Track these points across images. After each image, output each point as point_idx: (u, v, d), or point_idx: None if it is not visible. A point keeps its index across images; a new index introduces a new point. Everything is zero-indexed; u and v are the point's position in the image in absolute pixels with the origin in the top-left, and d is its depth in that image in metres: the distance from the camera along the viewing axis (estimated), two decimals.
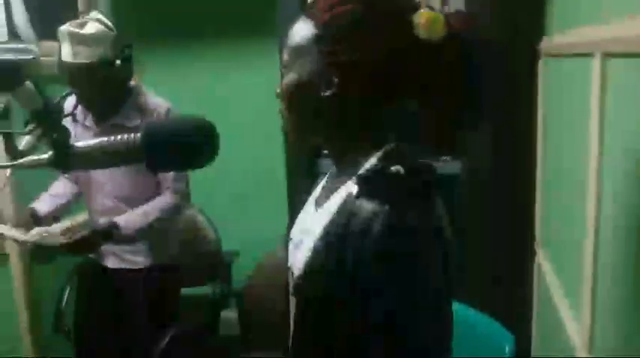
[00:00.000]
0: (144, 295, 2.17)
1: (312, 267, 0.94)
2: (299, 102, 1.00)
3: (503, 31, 2.17)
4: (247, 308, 2.31)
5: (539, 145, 2.26)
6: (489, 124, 2.17)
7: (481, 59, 0.92)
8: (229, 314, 2.72)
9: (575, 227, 1.52)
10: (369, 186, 0.91)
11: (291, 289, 1.05)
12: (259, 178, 3.23)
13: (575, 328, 1.48)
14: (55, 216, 2.11)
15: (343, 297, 0.89)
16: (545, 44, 2.13)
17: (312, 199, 1.09)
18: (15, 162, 0.96)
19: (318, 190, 1.09)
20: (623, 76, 1.17)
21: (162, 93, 2.20)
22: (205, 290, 2.88)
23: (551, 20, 2.11)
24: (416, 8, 0.90)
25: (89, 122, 2.06)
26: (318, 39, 0.94)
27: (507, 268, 2.46)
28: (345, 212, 0.91)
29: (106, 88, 1.97)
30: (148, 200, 2.10)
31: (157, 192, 2.14)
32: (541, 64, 2.21)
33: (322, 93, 0.95)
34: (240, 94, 3.21)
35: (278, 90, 1.03)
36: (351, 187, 0.93)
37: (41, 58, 2.08)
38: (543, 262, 2.07)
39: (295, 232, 1.08)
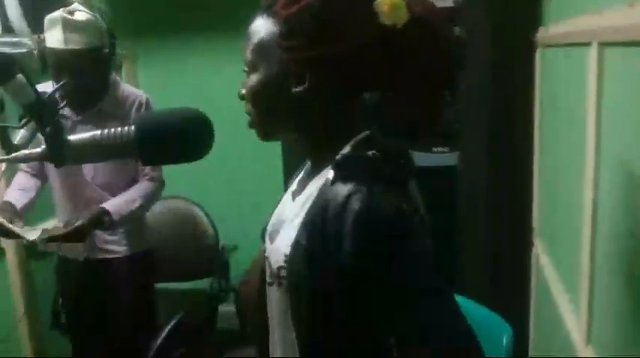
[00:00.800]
0: (124, 283, 2.20)
1: (295, 257, 0.93)
2: (269, 101, 0.99)
3: (499, 22, 2.17)
4: (241, 304, 2.31)
5: (536, 136, 2.26)
6: (486, 116, 2.17)
7: (451, 45, 0.91)
8: (227, 309, 2.71)
9: (572, 218, 1.52)
10: (343, 171, 0.91)
11: (268, 279, 1.03)
12: (257, 172, 3.23)
13: (573, 320, 1.48)
14: (26, 212, 2.10)
15: (328, 283, 0.88)
16: (542, 34, 2.12)
17: (288, 191, 1.09)
18: (10, 156, 0.95)
19: (294, 184, 1.08)
20: (621, 65, 1.16)
21: (157, 88, 2.19)
22: (204, 284, 2.88)
23: (548, 10, 2.10)
24: None
25: (67, 111, 2.05)
26: (282, 36, 0.93)
27: (505, 259, 2.46)
28: (323, 198, 0.91)
29: (92, 76, 1.99)
30: (127, 186, 2.13)
31: (133, 177, 2.17)
32: (538, 54, 2.20)
33: (293, 90, 0.94)
34: (237, 89, 3.19)
35: (243, 91, 1.02)
36: (327, 175, 0.93)
37: (34, 52, 2.08)
38: (541, 254, 2.06)
39: (272, 223, 1.08)
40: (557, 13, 1.91)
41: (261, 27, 0.96)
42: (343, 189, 0.87)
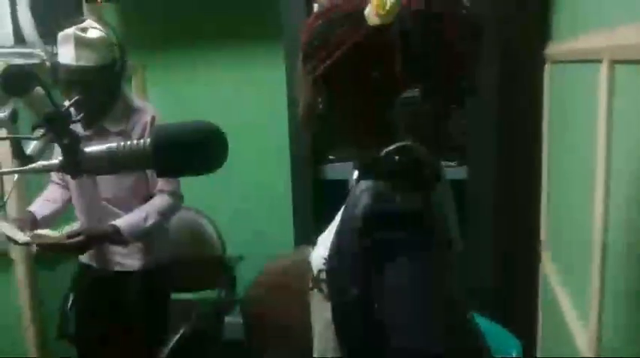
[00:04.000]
0: (138, 297, 2.20)
1: (330, 257, 0.97)
2: (310, 123, 1.06)
3: (507, 36, 2.18)
4: (249, 315, 2.32)
5: (544, 150, 2.26)
6: (494, 129, 2.18)
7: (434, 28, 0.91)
8: (234, 319, 2.71)
9: (581, 232, 1.52)
10: (368, 170, 0.95)
11: (310, 284, 1.07)
12: (264, 184, 3.23)
13: (582, 336, 1.47)
14: (48, 221, 2.13)
15: (354, 278, 0.90)
16: (552, 49, 2.13)
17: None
18: (26, 167, 0.97)
19: None
20: (631, 83, 1.17)
21: (166, 99, 2.19)
22: (210, 295, 2.88)
23: (557, 26, 2.11)
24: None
25: (75, 125, 2.07)
26: (302, 62, 1.02)
27: (513, 272, 2.45)
28: (348, 198, 0.96)
29: (102, 92, 2.01)
30: (137, 201, 2.13)
31: (146, 192, 2.17)
32: (546, 69, 2.21)
33: (319, 108, 1.00)
34: (245, 100, 3.21)
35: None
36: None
37: (46, 63, 2.11)
38: (549, 267, 2.06)
39: (324, 233, 1.12)
40: (567, 29, 1.92)
41: (298, 62, 1.04)
42: (362, 185, 0.92)
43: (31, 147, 1.03)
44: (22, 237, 1.92)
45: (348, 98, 0.99)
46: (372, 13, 0.91)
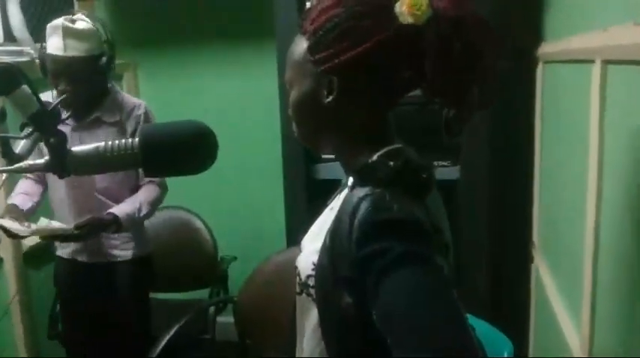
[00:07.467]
0: (125, 286, 2.23)
1: (321, 263, 0.95)
2: (305, 115, 1.02)
3: (500, 36, 2.17)
4: (241, 315, 2.31)
5: (537, 150, 2.26)
6: (487, 129, 2.17)
7: (472, 37, 0.90)
8: (226, 320, 2.70)
9: (573, 232, 1.52)
10: (363, 176, 0.93)
11: (297, 288, 1.06)
12: (257, 184, 3.22)
13: (574, 336, 1.48)
14: (30, 215, 2.12)
15: (347, 285, 0.89)
16: (544, 49, 2.13)
17: (329, 204, 1.10)
18: (14, 167, 0.95)
19: (334, 198, 1.10)
20: (623, 83, 1.17)
21: (158, 97, 2.19)
22: (202, 295, 2.87)
23: (551, 26, 2.11)
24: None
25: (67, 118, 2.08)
26: (311, 50, 0.96)
27: (505, 273, 2.45)
28: (342, 204, 0.93)
29: (90, 83, 2.02)
30: (129, 193, 2.16)
31: (135, 183, 2.20)
32: (539, 69, 2.21)
33: (325, 101, 0.96)
34: (238, 100, 3.20)
35: (290, 110, 1.05)
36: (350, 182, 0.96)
37: (36, 60, 2.09)
38: (541, 268, 2.06)
39: (308, 234, 1.10)
40: (560, 29, 1.92)
41: (295, 47, 1.01)
42: (359, 192, 0.89)
43: (19, 146, 1.02)
44: (26, 229, 1.91)
45: (358, 95, 0.96)
46: (405, 12, 0.88)
